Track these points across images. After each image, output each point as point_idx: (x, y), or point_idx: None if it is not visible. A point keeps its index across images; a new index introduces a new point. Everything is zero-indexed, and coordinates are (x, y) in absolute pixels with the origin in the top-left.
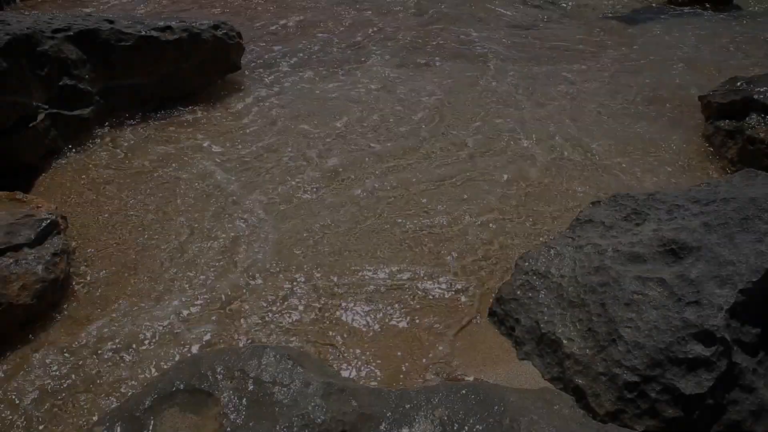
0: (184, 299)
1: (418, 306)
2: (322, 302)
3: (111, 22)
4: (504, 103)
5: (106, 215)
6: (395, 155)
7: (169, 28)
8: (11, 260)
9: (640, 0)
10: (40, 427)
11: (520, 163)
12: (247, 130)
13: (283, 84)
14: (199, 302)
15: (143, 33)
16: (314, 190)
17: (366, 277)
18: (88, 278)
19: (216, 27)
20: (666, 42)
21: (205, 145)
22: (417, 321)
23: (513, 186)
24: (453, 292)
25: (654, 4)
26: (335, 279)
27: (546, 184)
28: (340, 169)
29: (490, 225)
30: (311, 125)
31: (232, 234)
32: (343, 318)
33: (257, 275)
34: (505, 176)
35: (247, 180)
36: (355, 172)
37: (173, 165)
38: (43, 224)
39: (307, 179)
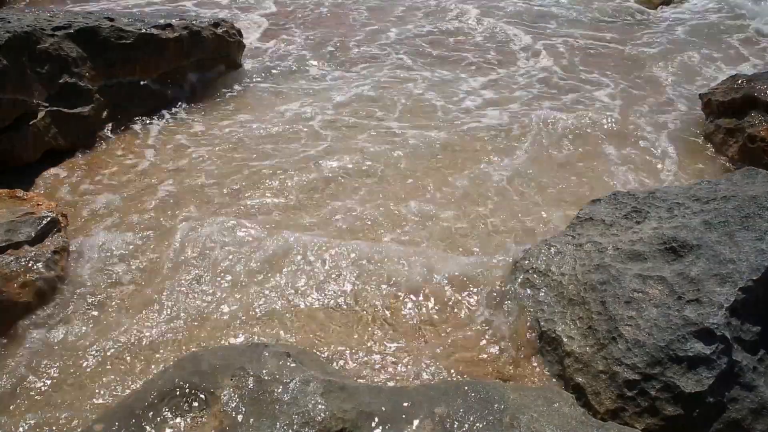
0: (181, 299)
1: (418, 301)
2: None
3: (111, 20)
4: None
5: (106, 213)
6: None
7: (169, 26)
8: (12, 258)
9: None
10: (39, 426)
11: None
12: (247, 130)
13: (283, 81)
14: (200, 300)
15: (143, 31)
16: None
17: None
18: (88, 276)
19: (216, 25)
20: None
21: (204, 144)
22: (418, 317)
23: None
24: (453, 290)
25: None
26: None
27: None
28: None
29: None
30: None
31: (232, 238)
32: (345, 312)
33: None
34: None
35: (246, 184)
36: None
37: (173, 163)
38: (44, 222)
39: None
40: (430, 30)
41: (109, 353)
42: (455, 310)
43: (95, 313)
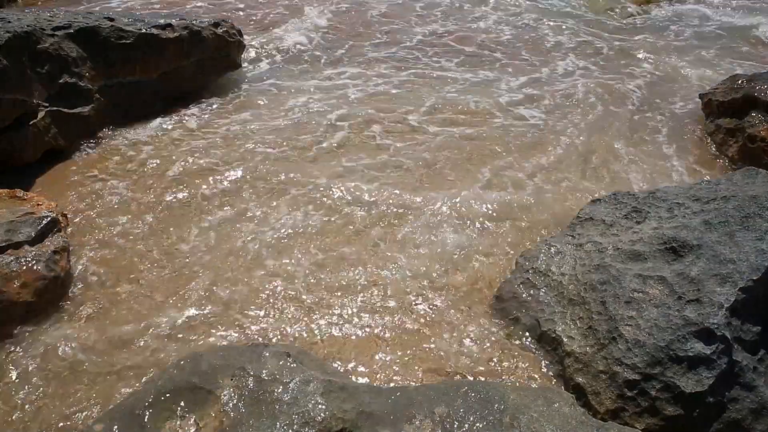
0: (181, 297)
1: (418, 300)
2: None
3: (111, 20)
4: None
5: (106, 212)
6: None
7: (169, 26)
8: (12, 258)
9: None
10: (35, 426)
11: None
12: (247, 130)
13: (283, 81)
14: (196, 300)
15: (144, 31)
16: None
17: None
18: (89, 275)
19: (216, 25)
20: None
21: (204, 145)
22: (418, 317)
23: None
24: (454, 289)
25: None
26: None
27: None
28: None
29: None
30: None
31: (220, 235)
32: (346, 313)
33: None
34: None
35: (246, 179)
36: None
37: (172, 163)
38: (44, 222)
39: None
40: (455, 28)
41: (109, 351)
42: (455, 310)
43: (97, 310)
